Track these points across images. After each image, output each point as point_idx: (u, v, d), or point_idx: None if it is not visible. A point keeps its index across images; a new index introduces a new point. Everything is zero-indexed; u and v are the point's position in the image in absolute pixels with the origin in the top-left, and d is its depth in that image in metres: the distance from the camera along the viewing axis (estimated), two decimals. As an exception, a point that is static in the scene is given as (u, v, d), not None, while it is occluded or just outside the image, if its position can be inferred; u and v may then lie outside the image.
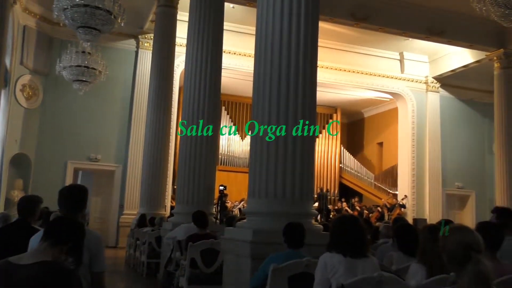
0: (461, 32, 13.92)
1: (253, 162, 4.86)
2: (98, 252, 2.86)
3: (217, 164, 18.86)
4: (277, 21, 4.82)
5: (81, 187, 2.96)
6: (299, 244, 3.63)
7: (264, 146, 4.72)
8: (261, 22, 5.00)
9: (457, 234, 2.06)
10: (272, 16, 4.86)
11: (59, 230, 2.12)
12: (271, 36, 4.83)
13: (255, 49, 5.08)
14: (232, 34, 14.35)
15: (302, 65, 4.76)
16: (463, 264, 1.95)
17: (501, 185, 13.98)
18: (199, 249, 5.56)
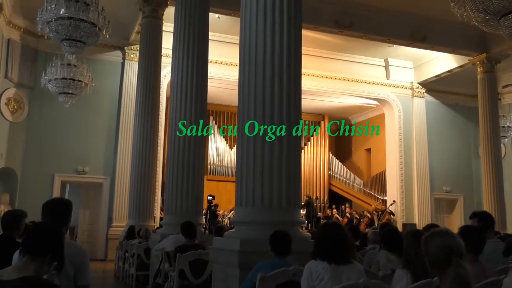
0: (444, 38, 14.10)
1: (239, 171, 4.87)
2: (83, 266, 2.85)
3: (206, 174, 18.99)
4: (260, 30, 4.87)
5: (64, 200, 2.94)
6: (285, 252, 3.64)
7: (250, 155, 4.74)
8: (244, 31, 5.04)
9: (438, 238, 2.08)
10: (256, 25, 4.90)
11: (35, 243, 2.09)
12: (255, 45, 4.87)
13: (239, 58, 5.12)
14: (219, 44, 14.38)
15: (286, 73, 4.80)
16: (444, 268, 1.97)
17: (488, 188, 14.12)
18: (187, 260, 5.54)
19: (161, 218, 12.15)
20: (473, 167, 17.49)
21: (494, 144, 14.26)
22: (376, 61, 17.29)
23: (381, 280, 3.35)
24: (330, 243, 2.84)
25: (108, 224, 13.85)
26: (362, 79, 17.07)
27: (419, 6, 13.02)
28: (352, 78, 16.95)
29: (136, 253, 8.47)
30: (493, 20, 8.74)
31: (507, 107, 16.74)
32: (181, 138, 7.88)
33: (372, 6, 13.13)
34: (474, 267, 3.01)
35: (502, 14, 8.51)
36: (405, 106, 17.51)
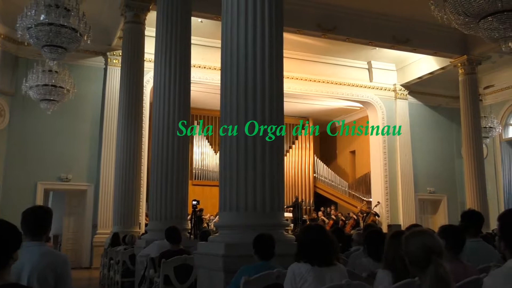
0: (425, 40, 14.26)
1: (222, 176, 4.86)
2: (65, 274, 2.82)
3: (191, 179, 18.92)
4: (241, 33, 4.87)
5: (44, 208, 2.91)
6: (269, 255, 3.63)
7: (233, 159, 4.73)
8: (226, 34, 5.04)
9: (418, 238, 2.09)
10: (237, 28, 4.90)
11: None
12: (236, 48, 4.87)
13: (221, 62, 5.11)
14: (202, 48, 14.40)
15: (268, 76, 4.80)
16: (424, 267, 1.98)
17: (471, 188, 14.29)
18: (172, 266, 5.50)
19: (146, 224, 12.06)
20: (456, 167, 17.68)
21: (476, 145, 14.44)
22: (359, 63, 17.43)
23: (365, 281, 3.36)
24: (313, 245, 2.85)
25: (92, 231, 13.71)
26: (345, 81, 17.18)
27: (401, 9, 13.15)
28: (336, 81, 17.05)
29: (121, 260, 8.40)
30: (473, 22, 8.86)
31: (488, 108, 16.97)
32: (165, 143, 7.84)
33: (355, 10, 13.23)
34: (455, 266, 3.05)
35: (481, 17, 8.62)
36: (388, 108, 17.66)
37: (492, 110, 17.00)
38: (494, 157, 17.65)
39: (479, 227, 4.04)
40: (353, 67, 17.36)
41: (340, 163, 21.66)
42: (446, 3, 8.70)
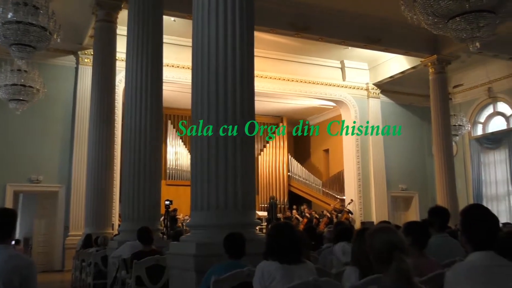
0: (396, 40, 14.47)
1: (194, 175, 4.85)
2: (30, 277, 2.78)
3: (165, 179, 18.79)
4: (212, 32, 4.86)
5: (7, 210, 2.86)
6: (239, 254, 3.65)
7: (204, 158, 4.72)
8: (197, 33, 5.03)
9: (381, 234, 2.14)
10: (208, 27, 4.90)
11: None
12: (207, 47, 4.87)
13: (192, 61, 5.11)
14: (176, 47, 14.31)
15: (239, 75, 4.81)
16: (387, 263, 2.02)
17: (441, 185, 14.57)
18: (144, 266, 5.47)
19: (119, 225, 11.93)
20: (427, 165, 18.01)
21: (446, 143, 14.73)
22: (332, 63, 17.58)
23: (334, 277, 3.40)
24: (281, 243, 2.87)
25: (64, 233, 13.48)
26: (319, 80, 17.31)
27: (373, 9, 13.31)
28: (309, 80, 17.16)
29: (93, 262, 8.29)
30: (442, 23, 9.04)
31: (458, 107, 17.36)
32: (137, 143, 7.78)
33: (328, 9, 13.34)
34: (419, 261, 3.11)
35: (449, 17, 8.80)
36: (361, 106, 17.87)
37: (461, 108, 17.40)
38: (463, 154, 18.05)
39: (445, 223, 4.13)
40: (326, 66, 17.50)
41: (314, 162, 21.83)
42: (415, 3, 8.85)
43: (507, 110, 17.14)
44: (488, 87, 17.20)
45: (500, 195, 16.98)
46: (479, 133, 18.04)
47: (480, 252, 2.28)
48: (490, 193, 17.33)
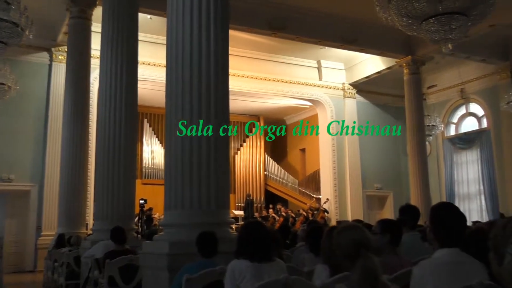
0: (372, 40, 14.62)
1: (168, 173, 4.83)
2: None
3: (141, 178, 18.62)
4: (187, 30, 4.84)
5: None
6: (212, 253, 3.64)
7: (178, 157, 4.70)
8: (171, 31, 5.00)
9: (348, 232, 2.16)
10: (182, 25, 4.87)
11: None
12: (182, 45, 4.85)
13: (166, 59, 5.08)
14: (152, 45, 14.19)
15: (214, 73, 4.80)
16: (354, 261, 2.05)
17: (415, 184, 14.80)
18: (117, 266, 5.41)
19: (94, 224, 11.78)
20: (402, 164, 18.24)
21: (420, 143, 14.96)
22: (309, 62, 17.67)
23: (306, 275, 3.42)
24: (252, 242, 2.88)
25: (37, 233, 13.24)
26: (295, 80, 17.38)
27: (349, 10, 13.42)
28: (285, 79, 17.22)
29: (66, 262, 8.15)
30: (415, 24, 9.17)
31: (432, 107, 17.63)
32: (111, 141, 7.68)
33: (305, 9, 13.39)
34: (391, 259, 3.16)
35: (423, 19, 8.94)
36: (337, 106, 18.00)
37: (435, 109, 17.67)
38: (437, 154, 18.36)
39: (416, 221, 4.20)
40: (303, 66, 17.59)
41: (291, 161, 21.92)
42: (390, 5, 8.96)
43: (479, 111, 17.49)
44: (461, 88, 17.52)
45: (472, 194, 17.33)
46: (452, 133, 18.37)
47: (445, 249, 2.33)
48: (462, 192, 17.67)
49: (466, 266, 2.24)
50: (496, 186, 16.13)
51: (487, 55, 15.47)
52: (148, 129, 19.31)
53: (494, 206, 16.05)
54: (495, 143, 16.27)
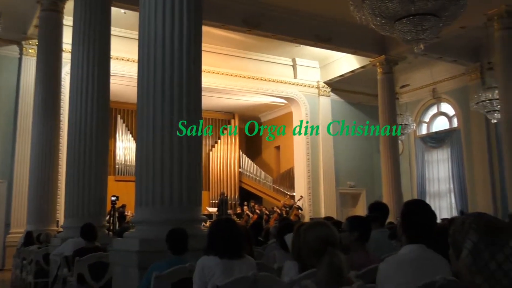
0: (346, 39, 14.74)
1: (138, 170, 4.78)
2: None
3: (114, 174, 18.40)
4: (159, 26, 4.80)
5: None
6: (182, 250, 3.62)
7: (149, 153, 4.66)
8: (143, 26, 4.95)
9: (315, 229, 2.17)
10: (154, 20, 4.83)
11: None
12: (154, 41, 4.80)
13: (138, 55, 5.03)
14: (126, 40, 13.99)
15: (186, 70, 4.77)
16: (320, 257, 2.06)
17: (387, 182, 15.01)
18: (86, 264, 5.33)
19: (64, 221, 11.57)
20: (374, 162, 18.44)
21: (392, 141, 15.17)
22: (284, 60, 17.71)
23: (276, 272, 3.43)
24: (222, 238, 2.87)
25: (5, 230, 12.94)
26: (270, 77, 17.41)
27: (324, 8, 13.50)
28: (260, 77, 17.23)
29: (34, 260, 8.00)
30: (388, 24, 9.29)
31: (404, 106, 17.88)
32: (82, 137, 7.57)
33: (280, 7, 13.42)
34: (359, 256, 3.19)
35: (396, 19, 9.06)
36: (311, 104, 18.09)
37: (407, 108, 17.93)
38: (409, 152, 18.63)
39: (385, 218, 4.26)
40: (278, 64, 17.62)
41: (265, 158, 21.97)
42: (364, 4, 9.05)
43: (450, 110, 17.82)
44: (433, 88, 17.82)
45: (442, 192, 17.66)
46: (424, 132, 18.67)
47: (412, 245, 2.36)
48: (433, 190, 17.99)
49: (431, 262, 2.28)
50: (466, 184, 16.48)
51: (458, 56, 15.77)
52: (121, 125, 19.10)
53: (463, 204, 16.40)
54: (465, 142, 16.62)
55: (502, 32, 12.09)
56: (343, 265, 2.03)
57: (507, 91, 11.92)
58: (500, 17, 12.03)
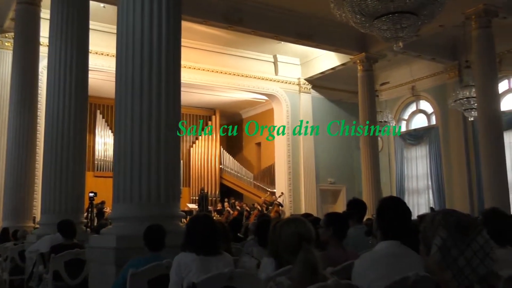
0: (327, 37, 14.80)
1: (116, 166, 4.74)
2: None
3: (93, 170, 18.19)
4: (137, 21, 4.75)
5: None
6: (159, 246, 3.60)
7: (127, 148, 4.61)
8: (121, 20, 4.90)
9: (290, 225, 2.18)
10: (133, 15, 4.78)
11: None
12: (132, 36, 4.76)
13: (116, 49, 4.98)
14: (106, 34, 13.80)
15: (165, 65, 4.73)
16: (295, 254, 2.07)
17: (367, 179, 15.15)
18: (63, 261, 5.26)
19: (41, 218, 11.39)
20: (354, 159, 18.56)
21: (372, 138, 15.30)
22: (265, 57, 17.71)
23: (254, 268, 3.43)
24: (198, 235, 2.86)
25: (-20, 227, 12.69)
26: (251, 74, 17.39)
27: (305, 5, 13.51)
28: (242, 73, 17.21)
29: (10, 257, 7.85)
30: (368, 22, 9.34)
31: (384, 104, 18.05)
32: (59, 132, 7.45)
33: (261, 3, 13.40)
34: (336, 252, 3.21)
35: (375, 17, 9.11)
36: (292, 101, 18.14)
37: (387, 105, 18.11)
38: (388, 149, 18.81)
39: (362, 215, 4.29)
40: (259, 60, 17.61)
41: (246, 155, 21.97)
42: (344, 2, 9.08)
43: (428, 108, 18.04)
44: (412, 85, 18.00)
45: (420, 189, 17.89)
46: (403, 129, 18.86)
47: (386, 241, 2.39)
48: (412, 187, 18.20)
49: (405, 258, 2.30)
50: (443, 181, 16.71)
51: (437, 54, 15.97)
52: (101, 121, 18.90)
53: (441, 201, 16.64)
54: (443, 139, 16.84)
55: (480, 31, 12.27)
56: (318, 261, 2.04)
57: (484, 89, 12.11)
58: (478, 16, 12.21)
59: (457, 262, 1.41)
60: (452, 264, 1.41)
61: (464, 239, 1.43)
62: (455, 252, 1.42)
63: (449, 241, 1.43)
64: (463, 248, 1.42)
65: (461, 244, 1.42)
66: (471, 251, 1.42)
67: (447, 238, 1.43)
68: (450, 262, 1.41)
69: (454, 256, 1.41)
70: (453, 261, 1.41)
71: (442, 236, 1.44)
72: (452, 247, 1.42)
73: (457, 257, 1.41)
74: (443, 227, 1.45)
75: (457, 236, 1.43)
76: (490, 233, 3.03)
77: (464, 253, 1.41)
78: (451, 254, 1.42)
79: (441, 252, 1.42)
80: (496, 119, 12.00)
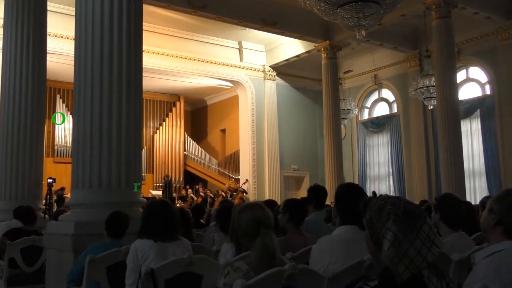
0: (292, 24, 14.81)
1: (75, 151, 4.65)
2: None
3: (53, 156, 17.77)
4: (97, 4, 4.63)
5: None
6: (119, 233, 3.56)
7: (87, 133, 4.52)
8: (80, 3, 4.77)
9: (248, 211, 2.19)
10: (92, -3, 4.65)
11: None
12: (92, 18, 4.64)
13: (75, 32, 4.86)
14: (66, 17, 13.35)
15: (126, 48, 4.65)
16: (253, 239, 2.08)
17: (330, 165, 15.35)
18: (19, 248, 5.13)
19: None
20: (318, 146, 18.77)
21: (336, 126, 15.49)
22: (230, 43, 17.59)
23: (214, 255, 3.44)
24: (155, 221, 2.84)
25: None
26: (216, 60, 17.27)
27: (270, -8, 13.49)
28: (206, 59, 17.06)
29: (-36, 245, 7.62)
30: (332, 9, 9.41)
31: (347, 91, 18.27)
32: (15, 117, 7.23)
33: (226, -11, 13.28)
34: (295, 238, 3.25)
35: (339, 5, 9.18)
36: (257, 88, 18.13)
37: (350, 93, 18.33)
38: (351, 137, 19.10)
39: (323, 201, 4.35)
40: (224, 46, 17.49)
41: (211, 141, 21.89)
42: (309, -11, 9.11)
43: (390, 96, 18.37)
44: (375, 74, 18.27)
45: (382, 176, 18.28)
46: (366, 117, 19.17)
47: (344, 226, 2.43)
48: (374, 174, 18.57)
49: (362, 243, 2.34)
50: (404, 168, 17.11)
51: (398, 43, 16.24)
52: (61, 105, 18.41)
53: (401, 187, 17.06)
54: (404, 127, 17.21)
55: (439, 20, 12.53)
56: (275, 246, 2.06)
57: (443, 78, 12.41)
58: (438, 6, 12.45)
59: (408, 253, 1.44)
60: (403, 256, 1.44)
61: (412, 229, 1.46)
62: (406, 244, 1.45)
63: (400, 235, 1.46)
64: (412, 239, 1.45)
65: (410, 235, 1.45)
66: (420, 241, 1.45)
67: (398, 232, 1.46)
68: (402, 254, 1.44)
69: (405, 248, 1.44)
70: (404, 253, 1.44)
71: (393, 231, 1.46)
72: (402, 239, 1.45)
73: (408, 248, 1.44)
74: (393, 221, 1.47)
75: (406, 228, 1.46)
76: (443, 217, 3.14)
77: (414, 244, 1.44)
78: (402, 246, 1.45)
79: (394, 247, 1.45)
80: (454, 108, 12.33)
